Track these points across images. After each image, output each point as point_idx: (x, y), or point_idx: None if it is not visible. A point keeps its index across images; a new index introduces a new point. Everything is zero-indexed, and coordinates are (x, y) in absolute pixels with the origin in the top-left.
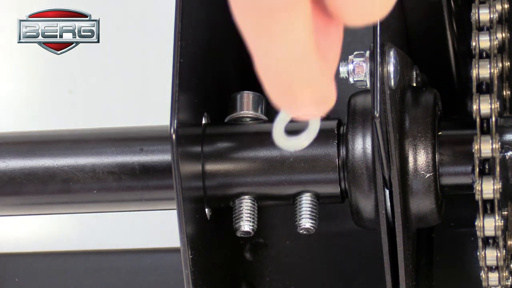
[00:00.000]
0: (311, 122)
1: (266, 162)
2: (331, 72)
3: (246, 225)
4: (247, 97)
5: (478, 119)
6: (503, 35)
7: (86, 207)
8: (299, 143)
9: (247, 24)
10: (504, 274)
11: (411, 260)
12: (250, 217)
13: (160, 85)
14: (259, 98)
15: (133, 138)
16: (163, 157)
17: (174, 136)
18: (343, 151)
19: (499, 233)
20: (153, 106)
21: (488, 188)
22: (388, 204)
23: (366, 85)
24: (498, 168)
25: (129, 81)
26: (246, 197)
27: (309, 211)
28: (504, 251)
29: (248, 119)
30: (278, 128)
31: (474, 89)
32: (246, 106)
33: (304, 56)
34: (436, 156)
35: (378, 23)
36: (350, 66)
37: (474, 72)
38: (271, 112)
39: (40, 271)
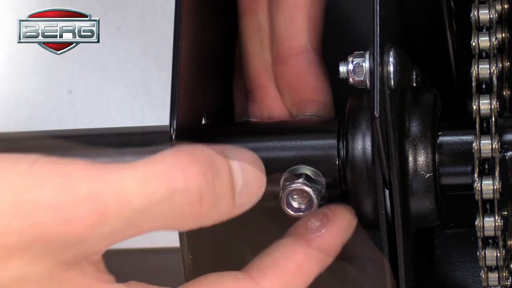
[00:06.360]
0: None
1: (266, 162)
2: None
3: None
4: None
5: (478, 119)
6: (503, 35)
7: None
8: None
9: None
10: (504, 274)
11: (411, 260)
12: None
13: (160, 85)
14: None
15: (133, 138)
16: None
17: (174, 137)
18: (343, 151)
19: (499, 233)
20: (153, 106)
21: (488, 188)
22: (388, 204)
23: (366, 85)
24: (498, 168)
25: (129, 81)
26: None
27: None
28: (504, 251)
29: None
30: None
31: (474, 89)
32: None
33: None
34: (436, 156)
35: (378, 23)
36: (350, 66)
37: (474, 72)
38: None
39: None
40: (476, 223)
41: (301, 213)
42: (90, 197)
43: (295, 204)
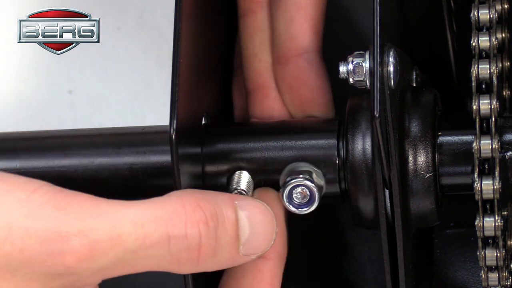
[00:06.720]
0: None
1: (266, 162)
2: None
3: None
4: None
5: (478, 119)
6: (503, 35)
7: None
8: None
9: None
10: (504, 274)
11: (411, 260)
12: None
13: (160, 85)
14: None
15: (133, 138)
16: (163, 157)
17: (174, 137)
18: (343, 151)
19: (499, 233)
20: (153, 106)
21: (488, 188)
22: (388, 204)
23: (366, 85)
24: (498, 168)
25: (129, 81)
26: None
27: None
28: (504, 251)
29: None
30: None
31: (474, 89)
32: None
33: None
34: (436, 156)
35: (378, 23)
36: (350, 66)
37: (474, 72)
38: None
39: None
40: (476, 223)
41: (302, 209)
42: (81, 233)
43: (296, 200)
